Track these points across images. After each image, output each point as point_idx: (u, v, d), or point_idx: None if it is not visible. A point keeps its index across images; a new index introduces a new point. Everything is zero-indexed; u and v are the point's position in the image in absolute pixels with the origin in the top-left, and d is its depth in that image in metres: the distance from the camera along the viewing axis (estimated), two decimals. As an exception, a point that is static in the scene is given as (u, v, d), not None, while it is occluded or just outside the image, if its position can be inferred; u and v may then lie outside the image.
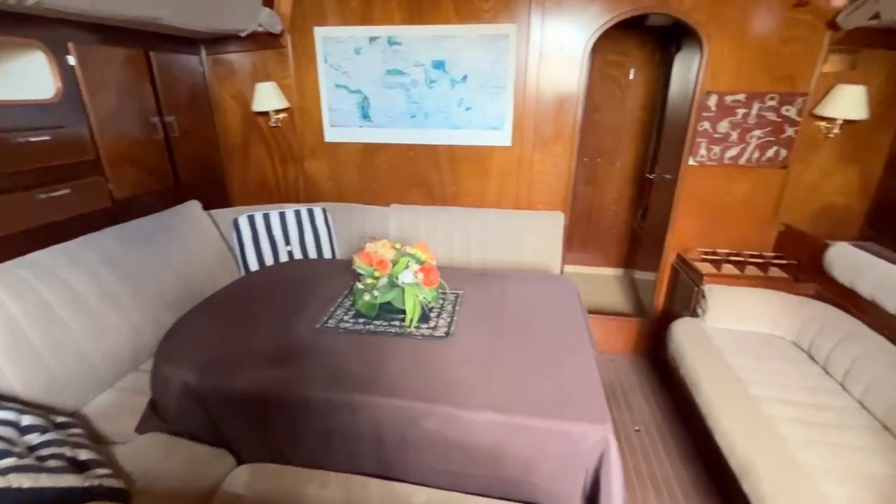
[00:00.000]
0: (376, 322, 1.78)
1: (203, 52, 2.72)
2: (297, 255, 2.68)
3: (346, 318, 1.84)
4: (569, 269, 4.07)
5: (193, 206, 2.52)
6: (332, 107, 2.79)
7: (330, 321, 1.82)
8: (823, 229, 2.55)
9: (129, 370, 1.87)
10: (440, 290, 1.89)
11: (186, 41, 2.55)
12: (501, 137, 2.69)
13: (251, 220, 2.60)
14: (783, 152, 2.46)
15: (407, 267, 1.69)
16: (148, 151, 2.29)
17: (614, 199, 3.89)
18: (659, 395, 2.63)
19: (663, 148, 3.18)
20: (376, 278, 1.71)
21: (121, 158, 2.10)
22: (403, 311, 1.71)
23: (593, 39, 2.45)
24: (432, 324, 1.78)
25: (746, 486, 1.53)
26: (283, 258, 2.65)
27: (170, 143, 2.42)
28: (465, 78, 2.60)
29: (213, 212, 2.64)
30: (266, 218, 2.64)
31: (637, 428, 2.39)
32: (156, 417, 1.62)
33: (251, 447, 1.56)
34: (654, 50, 3.46)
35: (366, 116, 2.78)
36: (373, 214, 2.87)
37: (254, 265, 2.59)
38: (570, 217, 2.80)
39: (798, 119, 2.39)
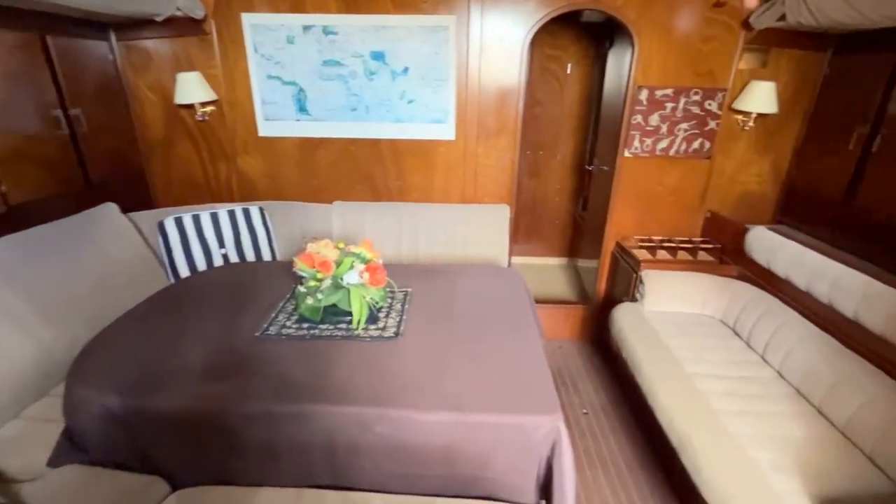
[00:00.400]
0: (322, 326, 1.70)
1: (113, 38, 2.45)
2: (234, 258, 2.51)
3: (288, 323, 1.74)
4: (516, 260, 4.16)
5: (110, 209, 2.28)
6: (265, 99, 2.62)
7: (271, 328, 1.71)
8: (743, 215, 2.77)
9: (38, 396, 1.66)
10: (388, 290, 1.84)
11: (92, 25, 2.28)
12: (445, 131, 2.66)
13: (179, 222, 2.39)
14: (707, 144, 2.64)
15: (351, 267, 1.62)
16: (49, 149, 2.03)
17: (556, 190, 4.01)
18: (605, 377, 2.75)
19: (600, 140, 3.31)
20: (319, 280, 1.63)
21: (14, 157, 1.85)
22: (350, 314, 1.64)
23: (532, 33, 2.48)
24: (381, 324, 1.73)
25: (685, 459, 1.63)
26: (218, 262, 2.47)
27: (77, 139, 2.16)
28: (406, 70, 2.54)
29: (133, 214, 2.39)
30: (196, 219, 2.44)
31: (585, 411, 2.49)
32: (72, 447, 1.45)
33: (188, 470, 1.43)
34: (589, 46, 3.58)
35: (303, 109, 2.64)
36: (315, 212, 2.75)
37: (185, 271, 2.39)
38: (515, 209, 2.84)
39: (719, 113, 2.57)
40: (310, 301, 1.63)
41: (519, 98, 2.61)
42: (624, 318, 2.44)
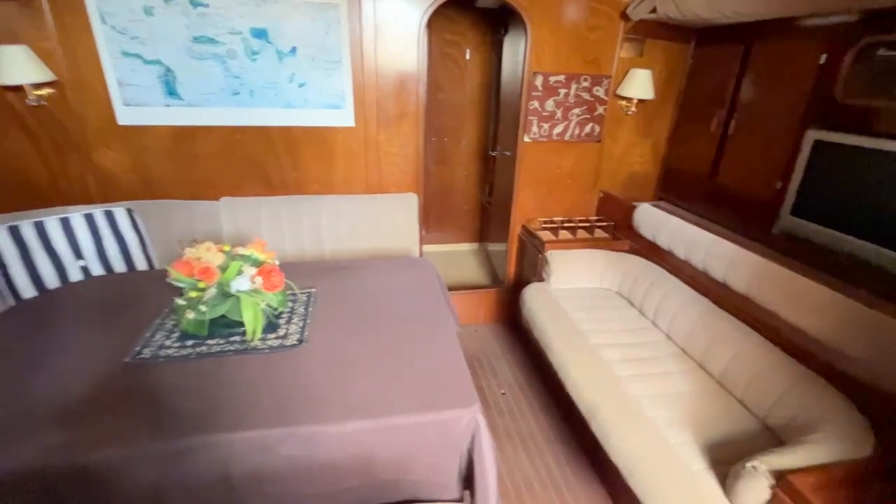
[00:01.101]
0: (210, 342, 1.49)
1: None
2: (97, 270, 2.12)
3: (168, 343, 1.50)
4: (428, 249, 4.13)
5: None
6: (122, 81, 2.22)
7: (145, 350, 1.46)
8: (631, 193, 3.01)
9: None
10: (288, 292, 1.68)
11: None
12: (344, 117, 2.49)
13: (14, 232, 1.94)
14: (597, 128, 2.81)
15: (240, 272, 1.43)
16: None
17: (464, 176, 4.03)
18: (520, 357, 2.84)
19: (502, 126, 3.37)
20: (202, 290, 1.41)
21: None
22: (243, 324, 1.45)
23: (427, 15, 2.40)
24: (282, 332, 1.57)
25: (594, 427, 1.73)
26: (76, 277, 2.06)
27: None
28: (293, 50, 2.32)
29: (-55, 226, 1.90)
30: (39, 227, 2.00)
31: (503, 391, 2.55)
32: None
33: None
34: (486, 32, 3.60)
35: (172, 93, 2.29)
36: (199, 211, 2.43)
37: (28, 291, 1.96)
38: (424, 197, 2.78)
39: (606, 99, 2.74)
40: (191, 315, 1.41)
41: (419, 83, 2.53)
42: (533, 297, 2.52)
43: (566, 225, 2.85)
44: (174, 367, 1.40)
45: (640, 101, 2.76)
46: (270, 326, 1.57)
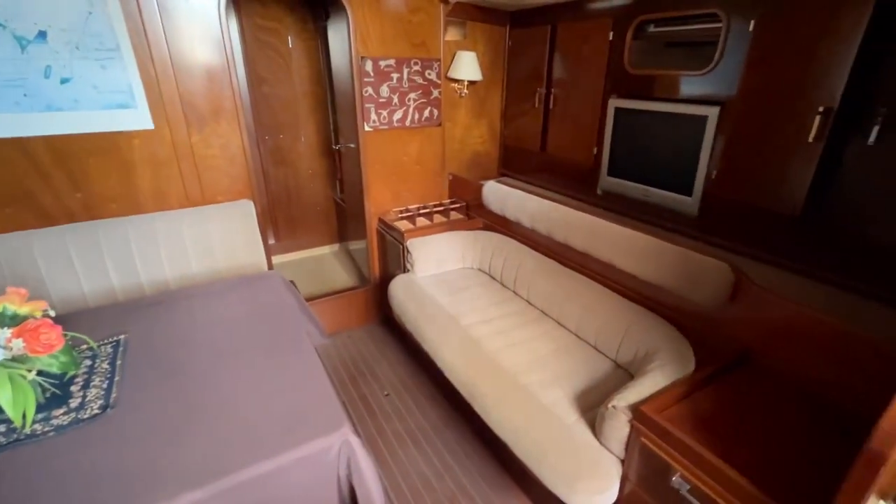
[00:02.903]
0: (-47, 444, 1.05)
1: None
2: None
3: None
4: (283, 258, 3.76)
5: None
6: None
7: None
8: (478, 173, 3.12)
9: None
10: (78, 349, 1.28)
11: None
12: (137, 118, 2.03)
13: None
14: (436, 112, 2.81)
15: (-15, 338, 1.02)
16: None
17: (310, 175, 3.73)
18: (398, 354, 2.75)
19: (341, 117, 3.18)
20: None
21: None
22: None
23: (225, -4, 2.08)
24: (75, 402, 1.19)
25: (476, 406, 1.73)
26: None
27: None
28: (42, 35, 1.78)
29: None
30: None
31: (386, 393, 2.43)
32: None
33: None
34: (306, 17, 3.33)
35: None
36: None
37: None
38: (267, 203, 2.46)
39: (439, 82, 2.75)
40: None
41: (232, 74, 2.19)
42: (400, 290, 2.44)
43: (422, 212, 2.82)
44: None
45: (472, 83, 2.84)
46: (57, 399, 1.18)
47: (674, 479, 1.20)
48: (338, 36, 2.76)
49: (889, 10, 1.28)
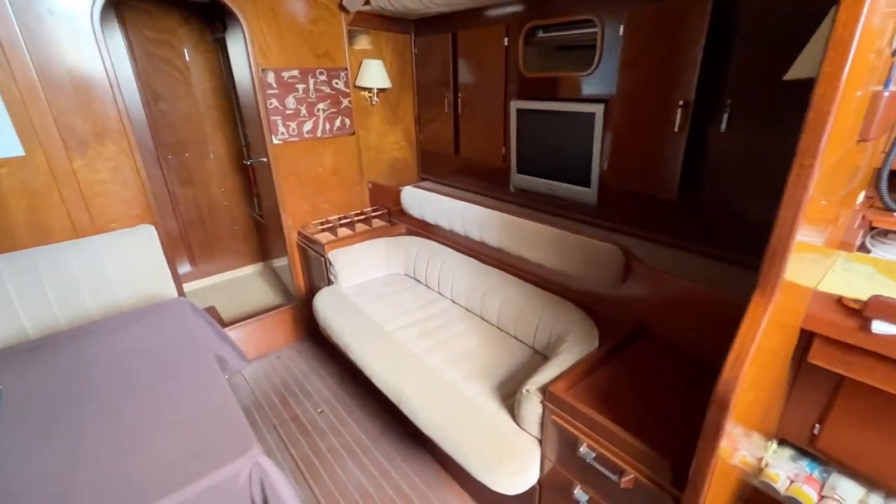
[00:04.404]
0: None
1: None
2: None
3: None
4: (201, 283, 3.54)
5: None
6: None
7: None
8: (399, 179, 3.14)
9: None
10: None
11: None
12: (2, 145, 1.83)
13: None
14: (347, 121, 2.80)
15: None
16: None
17: (223, 193, 3.55)
18: (330, 369, 2.69)
19: (249, 131, 3.06)
20: None
21: None
22: None
23: (99, 6, 1.93)
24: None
25: (406, 410, 1.74)
26: None
27: None
28: None
29: None
30: None
31: (320, 409, 2.38)
32: None
33: None
34: (203, 29, 3.17)
35: None
36: None
37: None
38: (178, 226, 2.31)
39: (348, 91, 2.74)
40: None
41: (115, 92, 2.04)
42: (325, 303, 2.40)
43: (343, 222, 2.79)
44: None
45: (382, 91, 2.86)
46: None
47: (581, 449, 1.29)
48: (236, 48, 2.66)
49: (724, 16, 1.48)
